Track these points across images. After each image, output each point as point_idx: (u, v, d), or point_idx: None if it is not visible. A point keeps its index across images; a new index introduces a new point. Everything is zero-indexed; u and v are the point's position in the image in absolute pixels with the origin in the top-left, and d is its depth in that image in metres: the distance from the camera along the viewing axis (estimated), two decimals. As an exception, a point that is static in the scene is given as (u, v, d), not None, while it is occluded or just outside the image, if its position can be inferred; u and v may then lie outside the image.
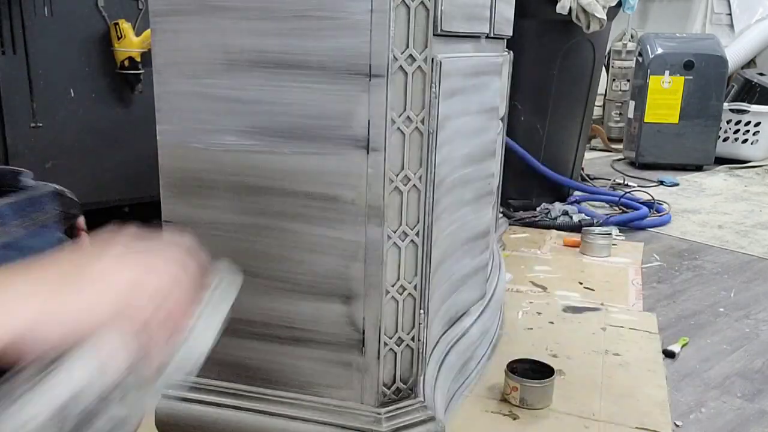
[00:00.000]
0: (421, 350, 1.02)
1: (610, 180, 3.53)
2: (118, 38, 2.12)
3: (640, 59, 3.96)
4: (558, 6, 2.53)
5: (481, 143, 1.29)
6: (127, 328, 0.44)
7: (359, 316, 0.96)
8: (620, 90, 4.70)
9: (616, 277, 2.09)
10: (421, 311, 1.01)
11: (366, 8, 0.86)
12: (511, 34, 1.54)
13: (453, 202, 1.19)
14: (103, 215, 2.54)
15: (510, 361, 1.37)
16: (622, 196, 2.94)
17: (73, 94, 2.11)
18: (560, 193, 2.94)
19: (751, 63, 4.78)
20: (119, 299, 0.44)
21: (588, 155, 4.01)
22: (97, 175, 2.20)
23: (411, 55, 0.89)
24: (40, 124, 2.06)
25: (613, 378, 1.44)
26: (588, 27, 2.57)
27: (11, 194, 0.52)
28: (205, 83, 0.95)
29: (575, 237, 2.40)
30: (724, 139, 4.10)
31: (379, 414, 0.98)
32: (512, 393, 1.31)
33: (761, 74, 4.33)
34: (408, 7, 0.87)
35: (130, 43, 2.12)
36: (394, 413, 0.99)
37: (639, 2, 3.54)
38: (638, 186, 3.38)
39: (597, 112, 4.68)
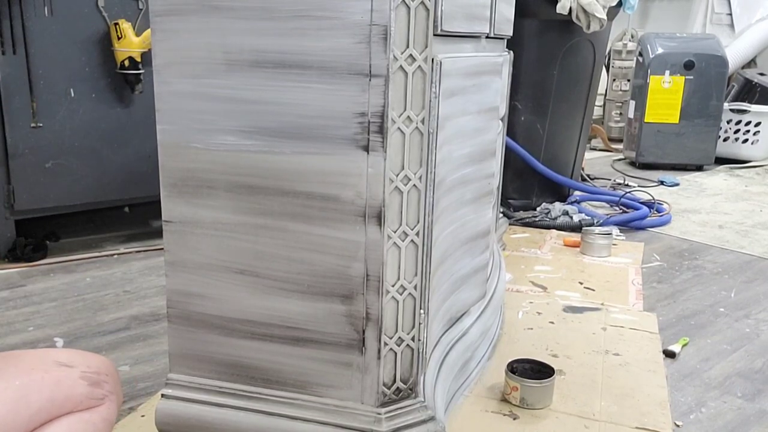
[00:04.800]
0: (421, 350, 1.02)
1: (610, 180, 3.53)
2: (118, 38, 2.12)
3: (640, 59, 3.96)
4: (558, 6, 2.53)
5: (481, 143, 1.29)
6: None
7: (359, 316, 0.96)
8: (620, 90, 4.71)
9: (616, 277, 2.09)
10: (421, 311, 1.01)
11: (366, 8, 0.86)
12: (511, 34, 1.54)
13: (453, 202, 1.19)
14: (103, 215, 2.54)
15: (510, 361, 1.37)
16: (622, 196, 2.93)
17: (73, 94, 2.11)
18: (560, 193, 2.94)
19: (751, 63, 4.78)
20: None
21: (588, 155, 4.01)
22: (98, 175, 2.21)
23: (411, 55, 0.89)
24: (41, 124, 2.06)
25: (613, 378, 1.44)
26: (588, 27, 2.57)
27: None
28: (205, 83, 0.95)
29: (575, 237, 2.40)
30: (725, 139, 4.10)
31: (379, 414, 0.98)
32: (512, 393, 1.31)
33: (761, 74, 4.33)
34: (408, 7, 0.87)
35: (130, 43, 2.12)
36: (394, 413, 0.99)
37: (639, 2, 3.54)
38: (638, 186, 3.38)
39: (597, 112, 4.69)
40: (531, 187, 2.86)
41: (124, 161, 2.25)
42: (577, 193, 3.01)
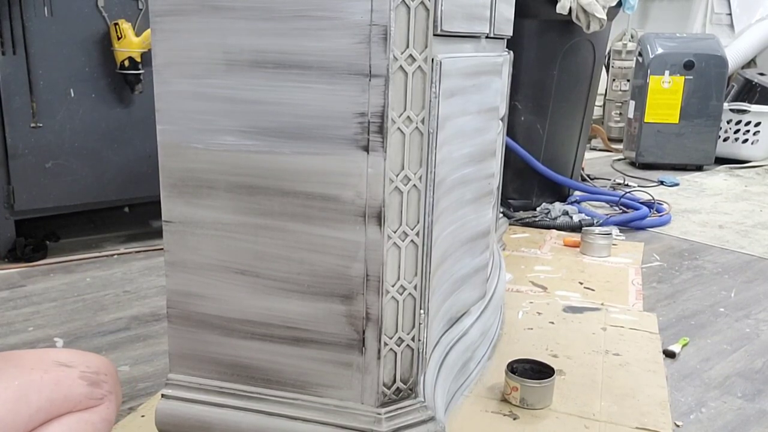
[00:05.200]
0: (421, 350, 1.02)
1: (610, 180, 3.53)
2: (118, 38, 2.12)
3: (640, 59, 3.96)
4: (558, 6, 2.53)
5: (481, 143, 1.29)
6: None
7: (359, 316, 0.96)
8: (620, 90, 4.71)
9: (616, 277, 2.09)
10: (422, 311, 1.01)
11: (366, 8, 0.86)
12: (511, 34, 1.54)
13: (453, 202, 1.19)
14: (103, 215, 2.54)
15: (510, 361, 1.37)
16: (622, 196, 2.93)
17: (73, 95, 2.11)
18: (560, 193, 2.94)
19: (751, 63, 4.78)
20: None
21: (588, 155, 4.01)
22: (97, 175, 2.21)
23: (411, 55, 0.89)
24: (40, 125, 2.06)
25: (613, 378, 1.44)
26: (588, 27, 2.57)
27: None
28: (205, 83, 0.95)
29: (575, 237, 2.40)
30: (725, 139, 4.10)
31: (379, 414, 0.98)
32: (512, 393, 1.31)
33: (761, 74, 4.33)
34: (408, 7, 0.87)
35: (130, 43, 2.12)
36: (394, 413, 0.99)
37: (639, 2, 3.54)
38: (638, 186, 3.38)
39: (597, 112, 4.69)
40: (531, 187, 2.86)
41: (124, 161, 2.25)
42: (577, 193, 3.01)
